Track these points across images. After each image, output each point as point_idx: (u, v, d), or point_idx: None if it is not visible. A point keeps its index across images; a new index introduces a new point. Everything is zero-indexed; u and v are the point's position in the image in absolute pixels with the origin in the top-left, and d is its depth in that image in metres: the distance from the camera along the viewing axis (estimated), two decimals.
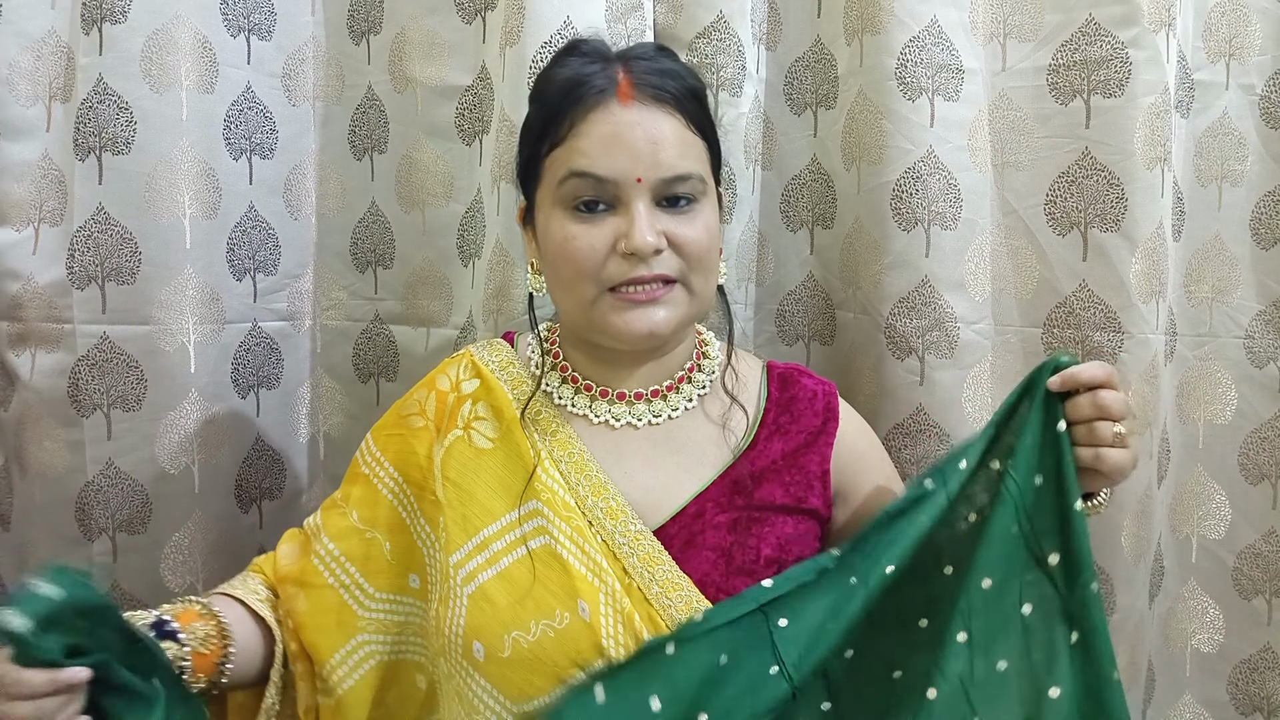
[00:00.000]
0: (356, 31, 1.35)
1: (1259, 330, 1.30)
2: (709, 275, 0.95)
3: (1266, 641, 1.32)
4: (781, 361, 1.08)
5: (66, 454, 1.21)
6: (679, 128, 0.93)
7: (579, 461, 0.96)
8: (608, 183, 0.90)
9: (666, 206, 0.92)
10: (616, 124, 0.91)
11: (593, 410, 0.99)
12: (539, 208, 0.97)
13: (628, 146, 0.90)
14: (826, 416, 1.02)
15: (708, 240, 0.94)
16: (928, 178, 1.20)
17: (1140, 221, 1.19)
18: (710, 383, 1.02)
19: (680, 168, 0.92)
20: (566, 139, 0.92)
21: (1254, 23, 1.27)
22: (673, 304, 0.93)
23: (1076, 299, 1.22)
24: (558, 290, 0.97)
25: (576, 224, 0.92)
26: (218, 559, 1.29)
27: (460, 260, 1.33)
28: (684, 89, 0.95)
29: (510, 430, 0.98)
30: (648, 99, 0.92)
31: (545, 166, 0.94)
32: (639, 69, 0.94)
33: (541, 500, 0.94)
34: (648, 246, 0.89)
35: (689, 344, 1.03)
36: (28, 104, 1.20)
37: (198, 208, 1.22)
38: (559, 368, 1.02)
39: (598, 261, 0.91)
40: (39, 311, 1.20)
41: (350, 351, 1.40)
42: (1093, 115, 1.19)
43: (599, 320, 0.93)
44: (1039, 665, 0.85)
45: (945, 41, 1.20)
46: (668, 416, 1.00)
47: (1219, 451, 1.32)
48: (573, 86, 0.93)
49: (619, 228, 0.91)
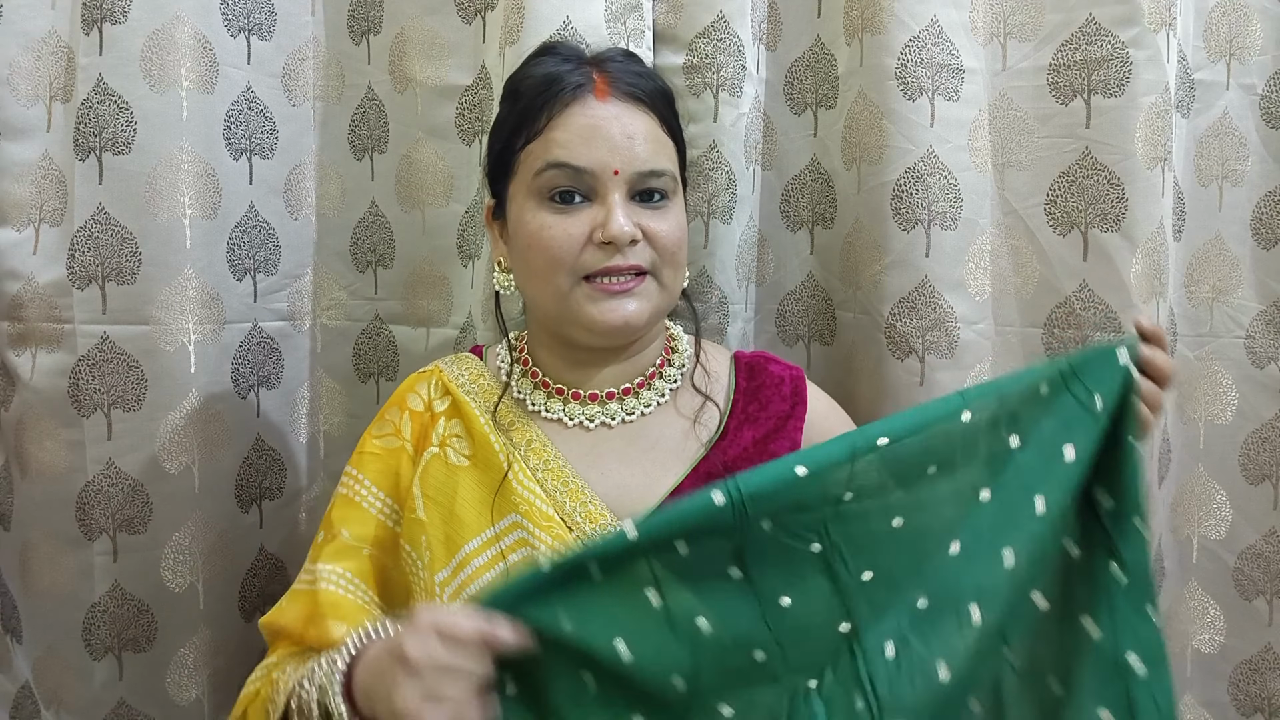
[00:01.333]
0: (356, 31, 1.35)
1: (1259, 330, 1.30)
2: (678, 270, 0.98)
3: (1267, 642, 1.32)
4: (749, 351, 1.09)
5: (66, 454, 1.21)
6: (653, 126, 0.95)
7: (555, 469, 0.96)
8: (585, 173, 0.92)
9: (640, 201, 0.94)
10: (594, 117, 0.93)
11: (565, 413, 1.00)
12: (511, 201, 0.97)
13: (605, 139, 0.92)
14: (795, 400, 1.03)
15: (679, 236, 0.96)
16: (928, 178, 1.20)
17: (1140, 221, 1.18)
18: (680, 377, 1.03)
19: (655, 163, 0.94)
20: (543, 131, 0.93)
21: (1254, 23, 1.27)
22: (645, 296, 0.94)
23: (1077, 299, 1.22)
24: (531, 282, 0.97)
25: (552, 214, 0.93)
26: (218, 559, 1.29)
27: (460, 260, 1.33)
28: (655, 90, 0.98)
29: (482, 445, 0.98)
30: (623, 96, 0.94)
31: (520, 160, 0.95)
32: (613, 69, 0.96)
33: (520, 513, 0.94)
34: (625, 235, 0.91)
35: (658, 342, 1.04)
36: (28, 104, 1.20)
37: (198, 208, 1.22)
38: (529, 373, 1.02)
39: (574, 250, 0.92)
40: (39, 311, 1.21)
41: (350, 351, 1.40)
42: (1093, 115, 1.19)
43: (573, 311, 0.94)
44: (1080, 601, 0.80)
45: (945, 41, 1.20)
46: (640, 414, 1.00)
47: (1219, 452, 1.32)
48: (550, 83, 0.94)
49: (595, 218, 0.92)
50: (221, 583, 1.31)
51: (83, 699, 1.26)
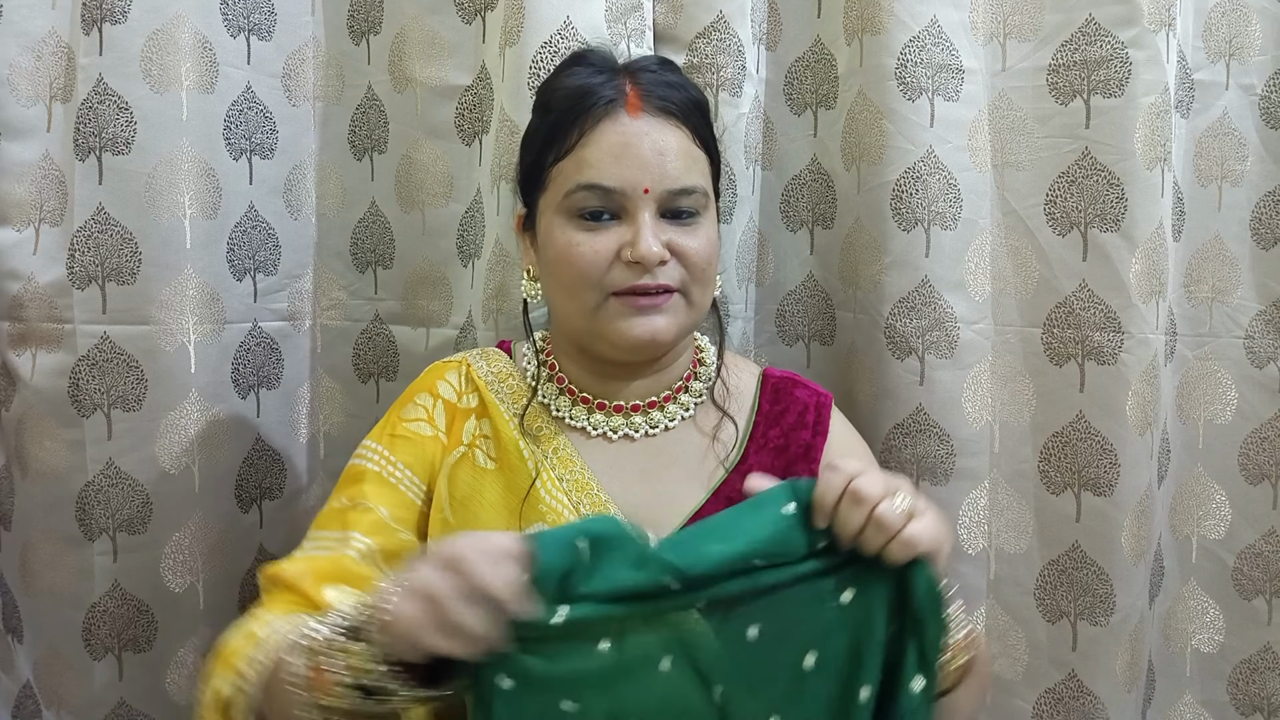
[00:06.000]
0: (356, 31, 1.35)
1: (1259, 330, 1.30)
2: (707, 287, 0.96)
3: (1267, 641, 1.32)
4: (779, 369, 1.08)
5: (67, 454, 1.21)
6: (685, 140, 0.94)
7: (580, 480, 0.96)
8: (615, 193, 0.91)
9: (670, 218, 0.93)
10: (625, 134, 0.91)
11: (590, 423, 0.99)
12: (541, 215, 0.97)
13: (636, 157, 0.91)
14: (816, 430, 1.01)
15: (709, 253, 0.95)
16: (928, 178, 1.20)
17: (1140, 221, 1.19)
18: (705, 392, 1.02)
19: (686, 180, 0.92)
20: (574, 149, 0.92)
21: (1254, 23, 1.27)
22: (673, 312, 0.93)
23: (1076, 299, 1.22)
24: (558, 296, 0.96)
25: (581, 231, 0.92)
26: (218, 559, 1.29)
27: (460, 260, 1.33)
28: (689, 101, 0.96)
29: (509, 450, 0.97)
30: (655, 110, 0.93)
31: (551, 176, 0.94)
32: (646, 80, 0.94)
33: (547, 523, 0.93)
34: (653, 256, 0.90)
35: (686, 356, 1.03)
36: (28, 104, 1.21)
37: (198, 208, 1.22)
38: (555, 379, 1.01)
39: (601, 268, 0.91)
40: (39, 311, 1.21)
41: (350, 351, 1.40)
42: (1093, 115, 1.19)
43: (601, 326, 0.93)
44: None
45: (945, 41, 1.20)
46: (664, 427, 0.99)
47: (1219, 451, 1.32)
48: (580, 96, 0.93)
49: (624, 236, 0.91)
50: (222, 583, 1.30)
51: (83, 698, 1.26)
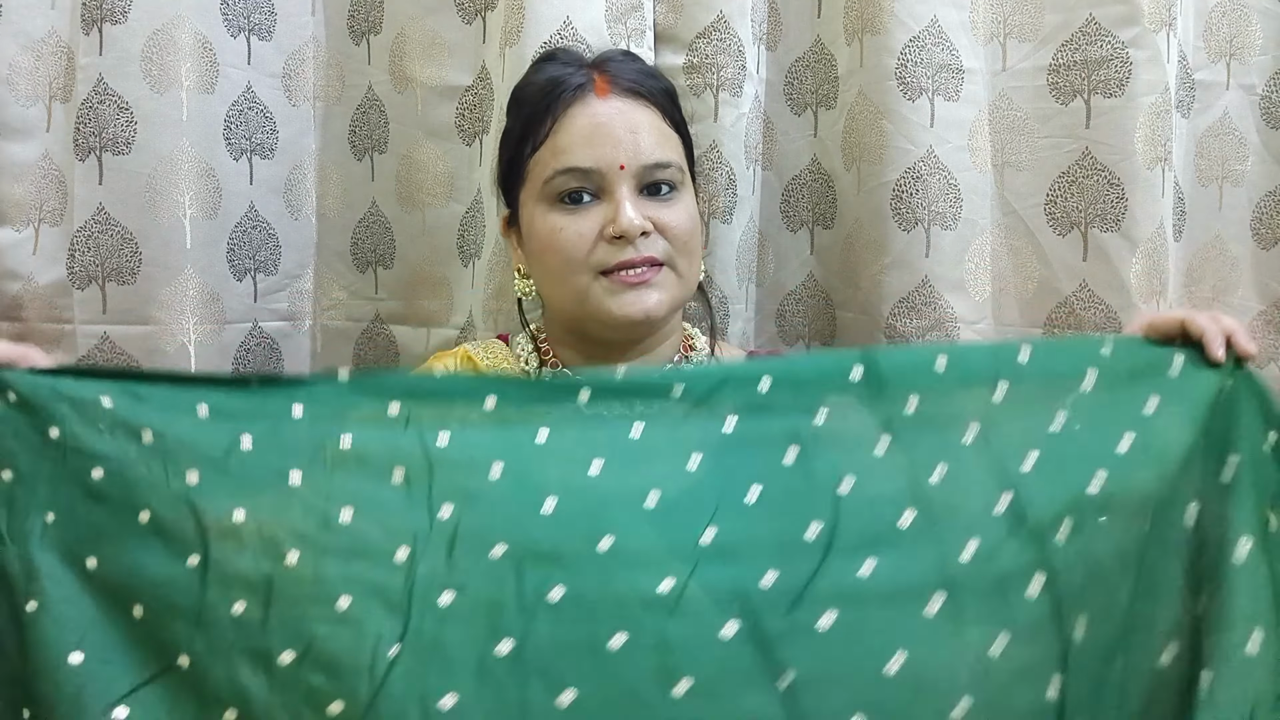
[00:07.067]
0: (357, 31, 1.35)
1: (1259, 330, 1.30)
2: (693, 258, 0.98)
3: None
4: (765, 350, 1.09)
5: None
6: (656, 119, 0.97)
7: None
8: (592, 173, 0.93)
9: (649, 194, 0.95)
10: (596, 116, 0.94)
11: None
12: (523, 207, 0.99)
13: (608, 136, 0.93)
14: None
15: (690, 225, 0.97)
16: (928, 178, 1.20)
17: (1140, 221, 1.19)
18: None
19: (660, 155, 0.95)
20: (549, 137, 0.95)
21: (1254, 23, 1.27)
22: (663, 286, 0.95)
23: (1077, 299, 1.22)
24: (548, 284, 0.98)
25: (563, 215, 0.94)
26: None
27: (460, 260, 1.33)
28: (657, 87, 0.99)
29: None
30: (624, 92, 0.96)
31: (529, 167, 0.97)
32: (613, 68, 0.98)
33: None
34: (634, 228, 0.92)
35: (675, 337, 1.04)
36: (28, 104, 1.21)
37: (198, 208, 1.22)
38: (550, 364, 1.03)
39: (585, 248, 0.93)
40: (39, 312, 1.21)
41: (350, 351, 1.40)
42: (1093, 115, 1.19)
43: (593, 307, 0.94)
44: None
45: (945, 41, 1.20)
46: None
47: None
48: (550, 87, 0.96)
49: (605, 214, 0.93)
50: None
51: None
